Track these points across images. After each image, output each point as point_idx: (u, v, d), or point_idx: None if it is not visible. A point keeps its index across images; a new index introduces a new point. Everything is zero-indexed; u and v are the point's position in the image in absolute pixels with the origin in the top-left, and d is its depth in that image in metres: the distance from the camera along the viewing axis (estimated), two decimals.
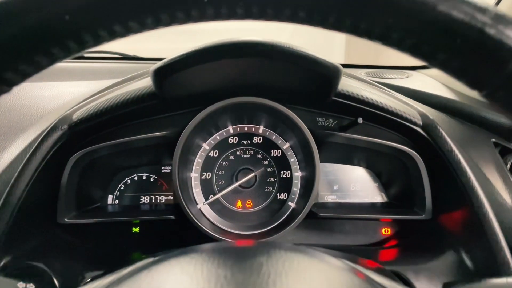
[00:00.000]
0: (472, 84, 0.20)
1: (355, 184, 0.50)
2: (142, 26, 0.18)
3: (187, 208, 0.43)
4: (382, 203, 0.50)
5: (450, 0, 0.17)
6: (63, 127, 0.40)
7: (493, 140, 0.47)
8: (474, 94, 0.44)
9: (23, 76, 0.19)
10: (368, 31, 0.18)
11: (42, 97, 0.52)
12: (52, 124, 0.40)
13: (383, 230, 0.49)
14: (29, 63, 0.18)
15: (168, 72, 0.36)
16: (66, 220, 0.42)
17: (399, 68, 0.84)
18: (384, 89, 0.48)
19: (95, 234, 0.45)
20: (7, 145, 0.42)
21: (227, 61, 0.36)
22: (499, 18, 0.18)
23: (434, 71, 0.70)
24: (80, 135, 0.41)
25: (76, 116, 0.40)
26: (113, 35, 0.17)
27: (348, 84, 0.42)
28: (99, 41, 0.17)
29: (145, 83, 0.42)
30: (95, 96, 0.44)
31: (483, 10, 0.18)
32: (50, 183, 0.41)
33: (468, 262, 0.39)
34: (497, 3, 0.63)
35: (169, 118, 0.44)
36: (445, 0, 0.17)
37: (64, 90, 0.53)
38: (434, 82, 0.64)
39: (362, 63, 0.87)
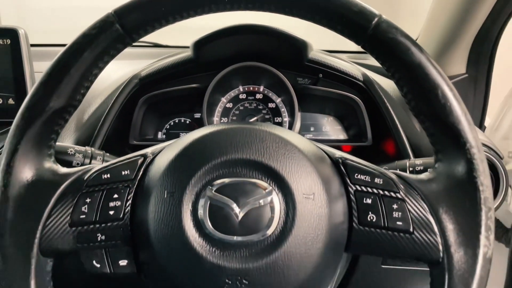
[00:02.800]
0: (352, 40, 0.42)
1: (325, 127, 0.73)
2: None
3: None
4: (343, 139, 0.72)
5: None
6: (135, 81, 0.64)
7: None
8: None
9: (145, 34, 0.42)
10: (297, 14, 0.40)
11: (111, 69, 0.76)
12: (128, 79, 0.64)
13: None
14: (158, 25, 0.40)
15: (203, 43, 0.60)
16: (134, 142, 0.66)
17: None
18: (340, 57, 0.71)
19: None
20: (97, 95, 0.66)
21: (239, 36, 0.59)
22: (359, 5, 0.40)
23: None
24: (145, 86, 0.65)
25: (143, 73, 0.64)
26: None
27: (317, 54, 0.65)
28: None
29: (185, 54, 0.65)
30: (153, 62, 0.68)
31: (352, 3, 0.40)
32: (126, 118, 0.65)
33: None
34: None
35: (200, 77, 0.68)
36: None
37: (128, 65, 0.77)
38: None
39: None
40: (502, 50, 0.77)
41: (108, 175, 0.40)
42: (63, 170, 0.41)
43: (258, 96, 0.72)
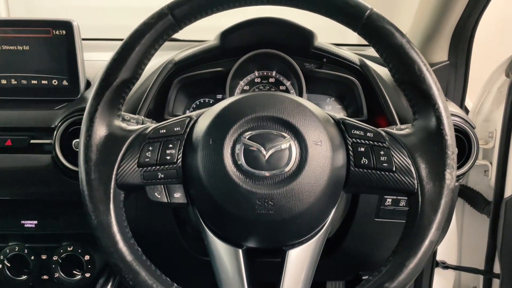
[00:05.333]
0: (349, 27, 0.55)
1: (328, 106, 0.85)
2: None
3: None
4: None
5: None
6: (170, 65, 0.76)
7: None
8: None
9: (190, 23, 0.54)
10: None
11: None
12: (165, 63, 0.76)
13: None
14: (199, 16, 0.53)
15: (228, 32, 0.73)
16: (168, 117, 0.79)
17: None
18: (341, 47, 0.84)
19: None
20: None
21: (258, 27, 0.72)
22: (355, 1, 0.52)
23: None
24: (178, 69, 0.77)
25: (177, 59, 0.77)
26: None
27: (323, 43, 0.78)
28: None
29: (212, 43, 0.78)
30: (182, 50, 0.81)
31: None
32: (162, 97, 0.78)
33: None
34: None
35: (223, 62, 0.80)
36: None
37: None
38: None
39: None
40: (481, 38, 0.89)
41: (164, 130, 0.53)
42: (129, 127, 0.54)
43: (271, 80, 0.85)
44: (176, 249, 0.76)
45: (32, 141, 0.71)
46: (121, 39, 1.29)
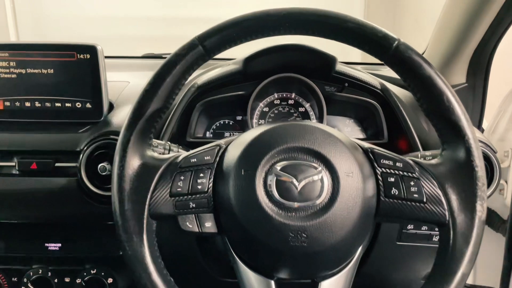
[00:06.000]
0: (377, 58, 0.56)
1: (347, 127, 0.86)
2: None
3: None
4: (363, 138, 0.85)
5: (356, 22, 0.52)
6: (192, 89, 0.77)
7: None
8: None
9: (219, 53, 0.55)
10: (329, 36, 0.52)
11: None
12: (188, 87, 0.77)
13: None
14: (228, 46, 0.54)
15: (252, 58, 0.74)
16: (190, 139, 0.79)
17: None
18: (362, 70, 0.84)
19: None
20: None
21: (281, 53, 0.73)
22: (383, 32, 0.53)
23: None
24: (201, 92, 0.78)
25: (199, 82, 0.78)
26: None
27: (342, 66, 0.79)
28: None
29: (232, 66, 0.79)
30: (202, 72, 0.82)
31: (372, 27, 0.53)
32: (185, 119, 0.78)
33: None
34: None
35: (244, 85, 0.81)
36: (353, 22, 0.52)
37: None
38: None
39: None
40: (498, 63, 0.90)
41: (195, 160, 0.54)
42: (160, 156, 0.55)
43: (290, 101, 0.86)
44: (198, 272, 0.76)
45: (57, 164, 0.72)
46: (137, 57, 1.31)
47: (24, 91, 0.78)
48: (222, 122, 0.86)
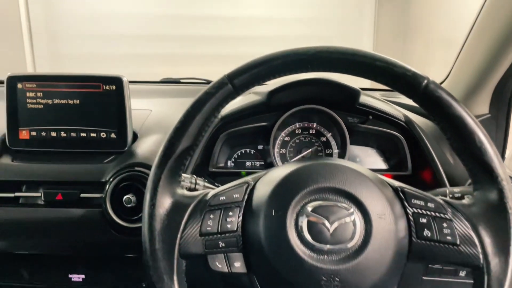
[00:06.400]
0: (406, 96, 0.55)
1: (369, 158, 0.86)
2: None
3: (276, 164, 0.80)
4: (385, 169, 0.85)
5: (386, 61, 0.53)
6: (216, 119, 0.78)
7: None
8: None
9: (247, 90, 0.56)
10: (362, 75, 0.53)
11: None
12: None
13: None
14: (256, 83, 0.54)
15: (276, 91, 0.74)
16: (212, 169, 0.80)
17: None
18: (385, 101, 0.84)
19: (224, 181, 0.82)
20: None
21: (305, 86, 0.74)
22: (412, 71, 0.53)
23: None
24: (225, 123, 0.79)
25: (223, 113, 0.78)
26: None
27: (366, 98, 0.79)
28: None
29: (256, 97, 0.80)
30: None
31: (401, 66, 0.53)
32: (208, 150, 0.79)
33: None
34: None
35: (266, 116, 0.82)
36: (383, 61, 0.52)
37: None
38: None
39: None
40: None
41: (224, 197, 0.53)
42: (189, 193, 0.55)
43: (312, 131, 0.86)
44: None
45: (82, 195, 0.73)
46: (156, 82, 1.32)
47: (50, 121, 0.80)
48: (243, 151, 0.86)
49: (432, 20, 3.82)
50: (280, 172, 0.54)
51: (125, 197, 0.70)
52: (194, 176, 0.64)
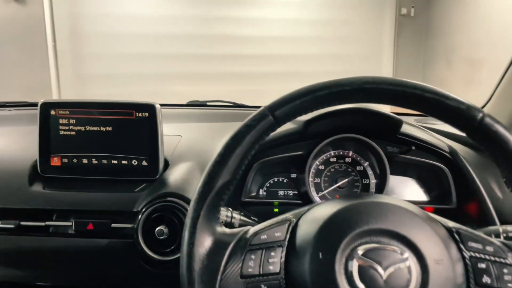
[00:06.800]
0: (460, 130, 0.52)
1: (409, 189, 0.82)
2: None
3: (312, 196, 0.77)
4: (427, 201, 0.81)
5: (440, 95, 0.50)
6: None
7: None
8: None
9: (288, 121, 0.53)
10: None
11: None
12: None
13: None
14: (298, 115, 0.52)
15: (313, 121, 0.72)
16: (245, 199, 0.77)
17: None
18: (426, 130, 0.81)
19: (256, 211, 0.79)
20: None
21: (342, 116, 0.71)
22: (466, 104, 0.50)
23: None
24: (258, 152, 0.76)
25: None
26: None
27: (407, 127, 0.75)
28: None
29: (290, 125, 0.77)
30: None
31: (454, 98, 0.50)
32: (242, 178, 0.76)
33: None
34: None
35: (301, 145, 0.79)
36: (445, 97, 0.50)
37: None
38: None
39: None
40: None
41: (265, 236, 0.51)
42: (229, 231, 0.52)
43: (347, 159, 0.83)
44: None
45: (113, 225, 0.71)
46: (182, 105, 1.31)
47: (82, 148, 0.79)
48: (276, 180, 0.84)
49: (454, 40, 3.77)
50: (325, 210, 0.51)
51: (157, 228, 0.68)
52: (230, 209, 0.62)
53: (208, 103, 1.30)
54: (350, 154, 0.82)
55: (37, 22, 3.44)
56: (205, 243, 0.49)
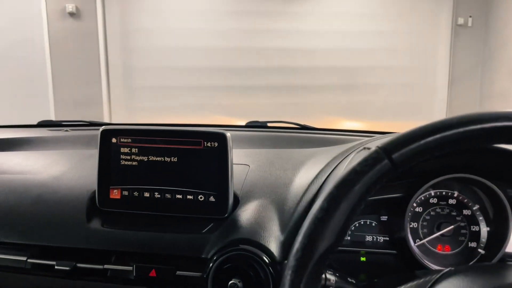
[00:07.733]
0: None
1: None
2: None
3: (411, 245, 0.64)
4: None
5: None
6: None
7: None
8: None
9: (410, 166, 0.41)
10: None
11: None
12: None
13: None
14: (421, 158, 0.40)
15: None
16: None
17: None
18: None
19: (339, 259, 0.67)
20: None
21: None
22: None
23: None
24: None
25: None
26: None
27: None
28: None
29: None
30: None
31: None
32: None
33: None
34: None
35: (397, 185, 0.66)
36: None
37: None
38: None
39: None
40: None
41: None
42: None
43: (451, 201, 0.69)
44: None
45: (178, 272, 0.61)
46: (240, 126, 1.21)
47: (144, 180, 0.70)
48: (362, 223, 0.71)
49: None
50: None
51: (230, 282, 0.58)
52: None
53: (269, 124, 1.19)
54: (455, 195, 0.68)
55: (91, 37, 3.54)
56: None
